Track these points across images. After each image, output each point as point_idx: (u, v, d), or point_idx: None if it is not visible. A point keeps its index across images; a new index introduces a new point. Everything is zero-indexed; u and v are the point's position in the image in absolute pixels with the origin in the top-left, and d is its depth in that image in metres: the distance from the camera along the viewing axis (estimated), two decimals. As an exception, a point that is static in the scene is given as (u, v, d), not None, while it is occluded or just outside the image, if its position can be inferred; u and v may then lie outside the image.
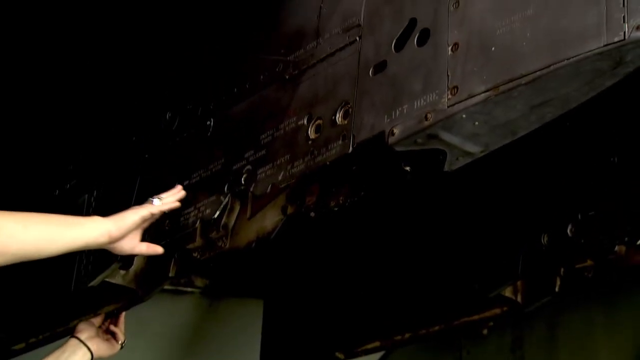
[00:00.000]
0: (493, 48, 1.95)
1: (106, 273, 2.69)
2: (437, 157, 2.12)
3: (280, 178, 2.38)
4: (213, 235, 2.49)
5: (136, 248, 2.47)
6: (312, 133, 2.34)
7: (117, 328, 2.84)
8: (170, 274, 2.60)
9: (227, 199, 2.50)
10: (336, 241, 3.45)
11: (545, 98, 1.94)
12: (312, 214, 2.32)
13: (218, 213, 2.50)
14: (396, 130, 2.09)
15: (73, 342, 2.77)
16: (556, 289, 3.00)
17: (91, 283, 2.74)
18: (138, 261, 2.66)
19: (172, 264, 2.59)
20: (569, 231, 2.79)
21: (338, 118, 2.27)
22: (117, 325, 2.85)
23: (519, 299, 3.07)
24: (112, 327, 2.84)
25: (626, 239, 2.73)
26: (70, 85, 3.27)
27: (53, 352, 2.75)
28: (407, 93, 2.10)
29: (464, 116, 1.99)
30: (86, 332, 2.79)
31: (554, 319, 3.77)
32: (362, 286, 3.50)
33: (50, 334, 3.04)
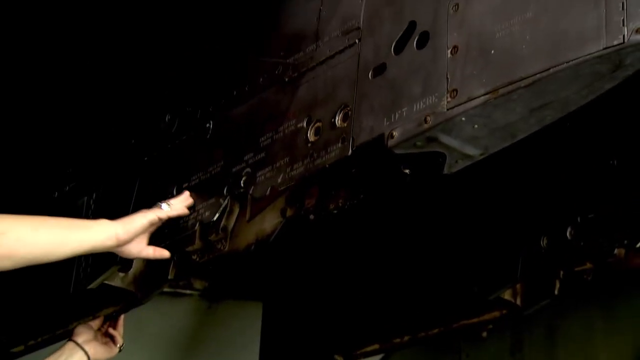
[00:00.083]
0: (492, 51, 1.95)
1: (105, 275, 2.69)
2: (437, 160, 2.12)
3: (279, 180, 2.38)
4: (212, 237, 2.49)
5: (143, 252, 2.46)
6: (312, 136, 2.34)
7: (116, 331, 2.84)
8: (169, 277, 2.59)
9: (227, 202, 2.49)
10: (335, 244, 3.45)
11: (544, 101, 1.94)
12: (312, 217, 2.31)
13: (217, 215, 2.49)
14: (395, 133, 2.09)
15: (70, 346, 2.77)
16: (555, 292, 3.00)
17: (90, 285, 2.74)
18: (137, 264, 2.66)
19: (171, 267, 2.59)
20: (569, 234, 2.79)
21: (337, 121, 2.27)
22: (116, 328, 2.85)
23: (519, 302, 3.07)
24: (111, 331, 2.84)
25: (625, 242, 2.73)
26: (69, 87, 3.27)
27: (50, 356, 2.75)
28: (407, 96, 2.10)
29: (464, 119, 1.99)
30: (83, 336, 2.79)
31: (554, 322, 3.77)
32: (361, 289, 3.50)
33: (49, 337, 3.03)
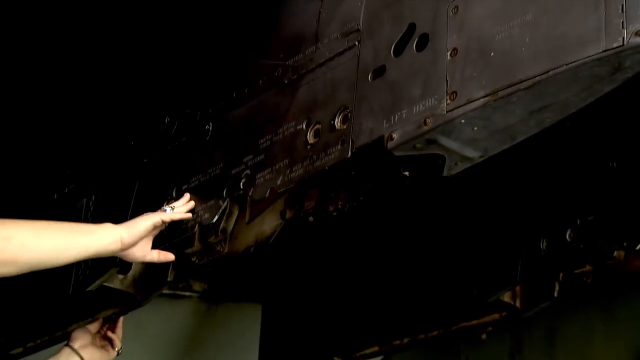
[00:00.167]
0: (492, 53, 1.95)
1: (104, 277, 2.68)
2: (436, 162, 2.11)
3: (279, 182, 2.38)
4: (211, 239, 2.48)
5: (148, 255, 2.45)
6: (311, 138, 2.34)
7: (115, 334, 2.81)
8: (168, 279, 2.59)
9: (226, 204, 2.49)
10: (335, 246, 3.45)
11: (544, 103, 1.93)
12: (311, 219, 2.31)
13: (217, 217, 2.49)
14: (395, 135, 2.09)
15: (66, 352, 2.74)
16: (555, 294, 3.00)
17: (89, 287, 2.73)
18: (136, 266, 2.65)
19: (171, 268, 2.59)
20: (568, 236, 2.79)
21: (337, 123, 2.27)
22: (115, 331, 2.82)
23: (518, 304, 3.08)
24: (109, 334, 2.81)
25: (625, 244, 2.73)
26: (69, 89, 3.27)
27: None
28: (406, 98, 2.10)
29: (463, 121, 1.99)
30: (80, 341, 2.75)
31: (553, 324, 3.77)
32: (361, 291, 3.50)
33: (48, 339, 3.02)
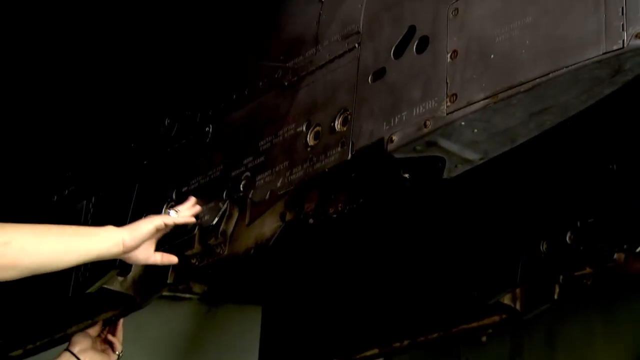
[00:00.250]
0: (492, 55, 1.95)
1: (104, 279, 2.68)
2: (436, 165, 2.11)
3: (279, 185, 2.38)
4: (211, 241, 2.48)
5: (151, 258, 2.43)
6: (311, 140, 2.33)
7: (115, 337, 2.80)
8: (168, 281, 2.59)
9: (226, 206, 2.49)
10: (335, 248, 3.45)
11: (544, 106, 1.93)
12: (311, 221, 2.31)
13: (217, 219, 2.49)
14: (395, 137, 2.09)
15: (66, 356, 2.72)
16: (555, 297, 3.00)
17: (89, 289, 2.73)
18: (136, 267, 2.65)
19: (171, 270, 2.58)
20: (568, 239, 2.79)
21: (337, 125, 2.27)
22: (116, 334, 2.81)
23: (518, 307, 3.07)
24: (110, 337, 2.81)
25: (625, 247, 2.73)
26: (68, 90, 3.27)
27: None
28: (406, 100, 2.10)
29: (463, 123, 1.99)
30: (80, 345, 2.75)
31: (553, 327, 3.77)
32: (361, 293, 3.49)
33: (48, 341, 3.02)
